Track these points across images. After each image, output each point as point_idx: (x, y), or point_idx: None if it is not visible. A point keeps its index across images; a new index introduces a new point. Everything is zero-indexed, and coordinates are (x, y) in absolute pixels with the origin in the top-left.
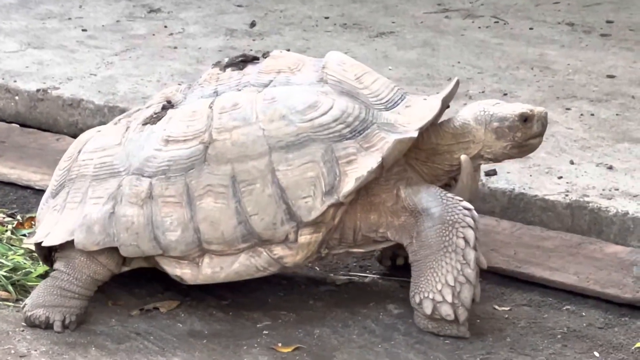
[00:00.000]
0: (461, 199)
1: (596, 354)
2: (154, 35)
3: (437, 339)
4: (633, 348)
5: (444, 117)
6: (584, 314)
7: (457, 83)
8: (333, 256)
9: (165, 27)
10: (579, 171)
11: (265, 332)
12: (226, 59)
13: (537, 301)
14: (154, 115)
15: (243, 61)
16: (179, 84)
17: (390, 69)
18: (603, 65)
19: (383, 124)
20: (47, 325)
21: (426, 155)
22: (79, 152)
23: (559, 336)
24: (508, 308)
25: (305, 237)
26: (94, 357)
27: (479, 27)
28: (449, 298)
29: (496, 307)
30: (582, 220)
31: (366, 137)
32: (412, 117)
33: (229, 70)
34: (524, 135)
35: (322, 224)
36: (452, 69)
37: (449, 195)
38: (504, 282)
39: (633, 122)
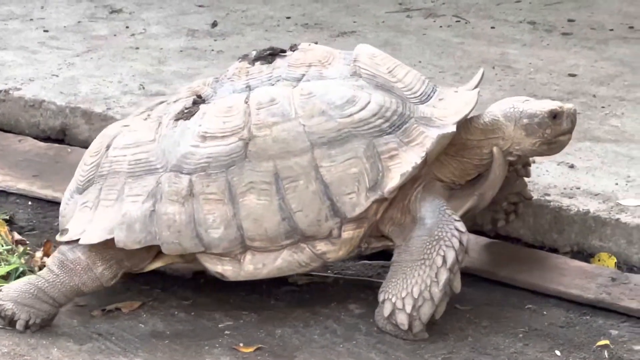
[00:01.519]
0: (458, 218)
1: (557, 352)
2: (115, 35)
3: (398, 338)
4: (594, 347)
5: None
6: (545, 313)
7: (483, 74)
8: (371, 250)
9: (127, 27)
10: (540, 170)
11: (227, 332)
12: (254, 52)
13: (499, 300)
14: (186, 110)
15: (271, 54)
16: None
17: None
18: (564, 64)
19: (420, 118)
20: (10, 322)
21: (455, 150)
22: (108, 147)
23: (521, 335)
24: (470, 307)
25: (348, 232)
26: (56, 358)
27: (441, 27)
28: (408, 309)
29: (458, 306)
30: (543, 220)
31: (405, 131)
32: (447, 110)
33: (257, 63)
34: (554, 132)
35: (364, 219)
36: (413, 68)
37: (449, 212)
38: (466, 281)
39: (594, 120)
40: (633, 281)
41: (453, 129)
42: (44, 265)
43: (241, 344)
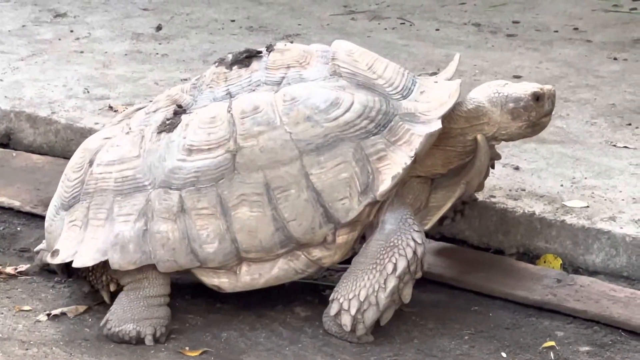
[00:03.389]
0: (419, 229)
1: (503, 354)
2: (60, 39)
3: (344, 341)
4: (540, 348)
5: None
6: (491, 314)
7: (459, 59)
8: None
9: (72, 31)
10: None
11: (172, 336)
12: (229, 56)
13: (445, 302)
14: (167, 122)
15: (247, 57)
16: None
17: None
18: (509, 66)
19: (404, 115)
20: (139, 340)
21: (439, 139)
22: (91, 162)
23: (467, 337)
24: (416, 309)
25: (343, 237)
26: None
27: (385, 29)
28: (353, 311)
29: (403, 308)
30: (489, 221)
31: (391, 130)
32: (430, 104)
33: (235, 68)
34: (538, 114)
35: (358, 222)
36: None
37: (411, 221)
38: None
39: None
40: (579, 282)
41: (439, 124)
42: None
43: (187, 348)
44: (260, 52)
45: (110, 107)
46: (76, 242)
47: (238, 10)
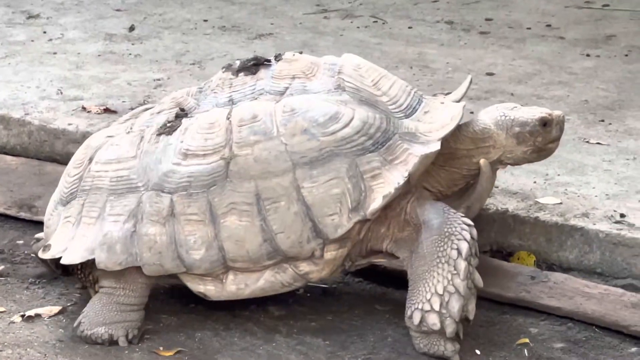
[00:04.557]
0: (463, 214)
1: (477, 351)
2: (33, 41)
3: (319, 340)
4: (514, 345)
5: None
6: None
7: (471, 81)
8: (356, 267)
9: (45, 32)
10: None
11: (146, 336)
12: (237, 62)
13: None
14: (168, 124)
15: (255, 64)
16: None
17: None
18: (482, 63)
19: (404, 134)
20: (112, 342)
21: (444, 159)
22: (90, 160)
23: None
24: (390, 307)
25: (331, 253)
26: None
27: (358, 27)
28: (437, 307)
29: (378, 306)
30: None
31: (389, 148)
32: (433, 125)
33: (241, 75)
34: (544, 140)
35: (347, 239)
36: None
37: (452, 210)
38: (385, 281)
39: None
40: (552, 279)
41: (437, 146)
42: None
43: (161, 348)
44: (268, 60)
45: (84, 108)
46: (67, 238)
47: (211, 10)
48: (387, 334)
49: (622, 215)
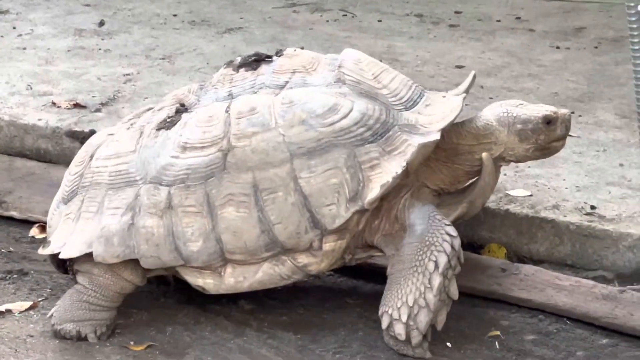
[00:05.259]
0: (449, 223)
1: (449, 344)
2: (2, 37)
3: (289, 333)
4: (485, 338)
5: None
6: None
7: (474, 77)
8: (356, 261)
9: (14, 28)
10: None
11: (117, 330)
12: (239, 59)
13: None
14: (168, 120)
15: (256, 60)
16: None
17: None
18: (452, 56)
19: (404, 125)
20: (80, 338)
21: (446, 155)
22: (91, 157)
23: None
24: (360, 301)
25: (329, 244)
26: None
27: (327, 21)
28: (404, 318)
29: (348, 300)
30: None
31: (388, 139)
32: (433, 116)
33: (242, 70)
34: (547, 138)
35: (346, 230)
36: None
37: (439, 217)
38: (356, 274)
39: None
40: (523, 271)
41: (437, 136)
42: None
43: (132, 342)
44: (269, 56)
45: (54, 103)
46: (67, 234)
47: (180, 4)
48: (358, 327)
49: (592, 207)
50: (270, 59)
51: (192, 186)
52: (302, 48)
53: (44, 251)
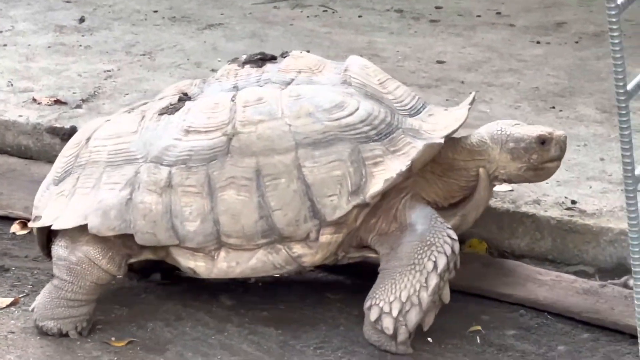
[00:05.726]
0: (450, 226)
1: (430, 339)
2: None
3: (271, 329)
4: (467, 332)
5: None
6: None
7: (474, 98)
8: (348, 260)
9: None
10: None
11: (98, 326)
12: (244, 56)
13: (370, 288)
14: (171, 106)
15: (262, 59)
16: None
17: (219, 61)
18: (432, 51)
19: (408, 129)
20: (62, 335)
21: (442, 169)
22: (88, 139)
23: None
24: (341, 296)
25: (326, 236)
26: None
27: (308, 17)
28: (395, 312)
29: (329, 295)
30: None
31: (392, 140)
32: (436, 125)
33: (247, 66)
34: (540, 158)
35: (344, 224)
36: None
37: (441, 220)
38: (337, 269)
39: None
40: (504, 267)
41: (441, 140)
42: None
43: (113, 338)
44: (274, 57)
45: (34, 100)
46: (60, 208)
47: (160, 1)
48: (339, 322)
49: (573, 202)
50: (275, 60)
51: (193, 167)
52: (308, 50)
53: (34, 224)
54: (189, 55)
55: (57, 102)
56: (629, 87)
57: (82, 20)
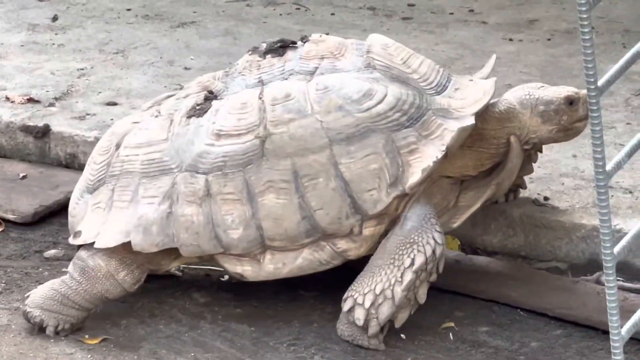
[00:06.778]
0: (440, 230)
1: (403, 336)
2: None
3: (244, 326)
4: (439, 329)
5: None
6: None
7: (495, 60)
8: None
9: None
10: None
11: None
12: (264, 45)
13: (344, 285)
14: (197, 107)
15: (282, 46)
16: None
17: (192, 59)
18: None
19: (438, 110)
20: (40, 328)
21: (472, 140)
22: (118, 146)
23: None
24: (314, 293)
25: (369, 229)
26: None
27: (281, 15)
28: (367, 304)
29: (302, 292)
30: None
31: (423, 124)
32: (465, 100)
33: (268, 57)
34: (570, 119)
35: (385, 215)
36: None
37: (434, 221)
38: None
39: None
40: (477, 263)
41: (472, 120)
42: None
43: (86, 336)
44: (294, 42)
45: (7, 98)
46: (99, 223)
47: None
48: (312, 319)
49: (545, 199)
50: (295, 45)
51: (230, 174)
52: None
53: (75, 241)
54: (162, 54)
55: (30, 100)
56: (600, 83)
57: (55, 18)
